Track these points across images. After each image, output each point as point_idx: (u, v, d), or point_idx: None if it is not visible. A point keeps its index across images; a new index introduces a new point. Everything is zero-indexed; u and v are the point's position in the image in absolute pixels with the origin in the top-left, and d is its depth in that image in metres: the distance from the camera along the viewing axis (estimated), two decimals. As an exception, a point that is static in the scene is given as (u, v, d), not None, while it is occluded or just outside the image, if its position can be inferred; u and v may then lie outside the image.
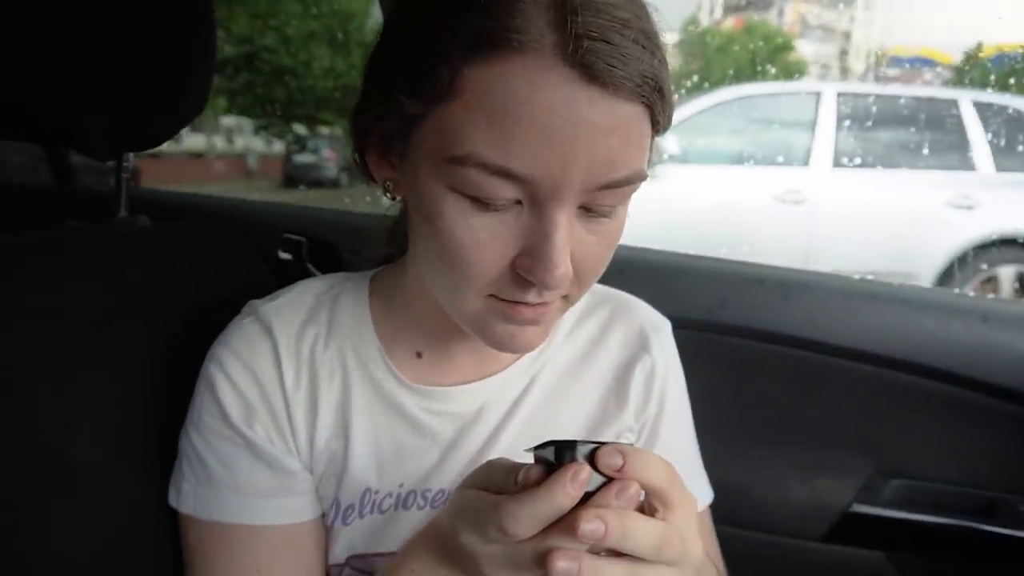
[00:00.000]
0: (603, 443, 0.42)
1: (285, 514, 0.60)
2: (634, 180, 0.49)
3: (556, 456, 0.42)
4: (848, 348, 1.02)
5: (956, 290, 3.91)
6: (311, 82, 14.16)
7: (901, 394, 1.03)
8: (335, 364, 0.62)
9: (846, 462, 1.04)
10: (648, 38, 0.46)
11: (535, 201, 0.47)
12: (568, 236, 0.48)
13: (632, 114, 0.46)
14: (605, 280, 0.74)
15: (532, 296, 0.51)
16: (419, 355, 0.64)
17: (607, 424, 0.68)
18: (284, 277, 0.84)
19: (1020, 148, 4.26)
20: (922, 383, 1.01)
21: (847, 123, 4.47)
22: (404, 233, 0.64)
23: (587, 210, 0.49)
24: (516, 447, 0.63)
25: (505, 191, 0.46)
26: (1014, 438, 1.00)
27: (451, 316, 0.56)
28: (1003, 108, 4.41)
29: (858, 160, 4.44)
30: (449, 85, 0.45)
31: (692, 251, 1.16)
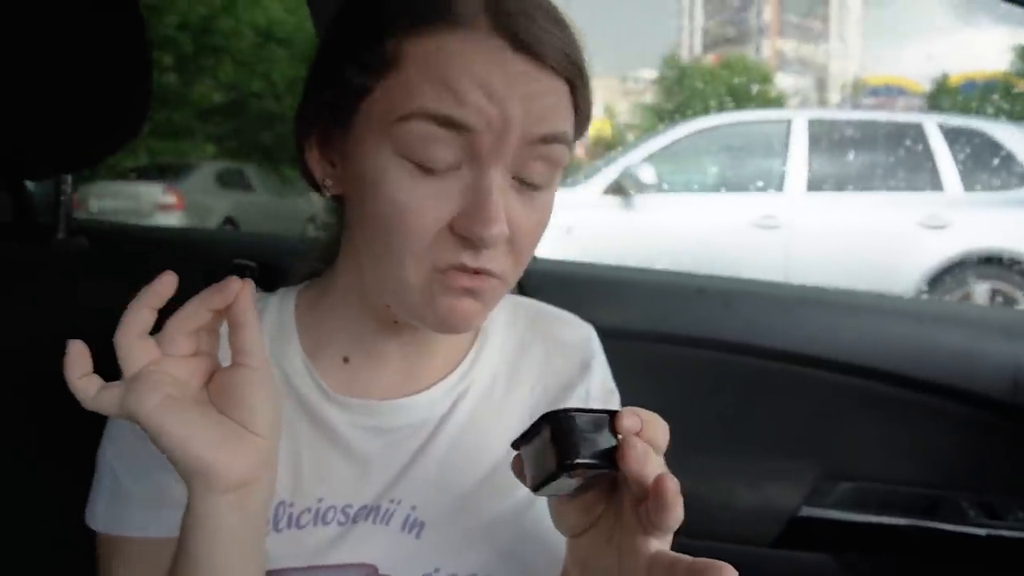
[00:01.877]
0: (602, 410, 0.46)
1: None
2: (563, 140, 0.53)
3: (555, 423, 0.45)
4: (789, 352, 1.04)
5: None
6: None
7: (843, 396, 1.04)
8: None
9: (792, 466, 1.05)
10: (560, 22, 0.53)
11: (475, 160, 0.51)
12: (503, 199, 0.52)
13: (557, 87, 0.52)
14: (549, 295, 0.76)
15: (468, 258, 0.52)
16: (346, 360, 0.64)
17: None
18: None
19: (985, 167, 4.35)
20: (862, 384, 1.03)
21: (819, 148, 4.56)
22: (333, 246, 0.66)
23: (520, 181, 0.53)
24: (443, 463, 0.63)
25: (448, 147, 0.50)
26: (954, 434, 1.02)
27: (391, 302, 0.58)
28: (967, 130, 4.51)
29: (831, 184, 4.51)
30: (394, 56, 0.51)
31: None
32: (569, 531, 0.53)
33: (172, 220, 7.59)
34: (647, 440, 0.46)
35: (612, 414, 0.46)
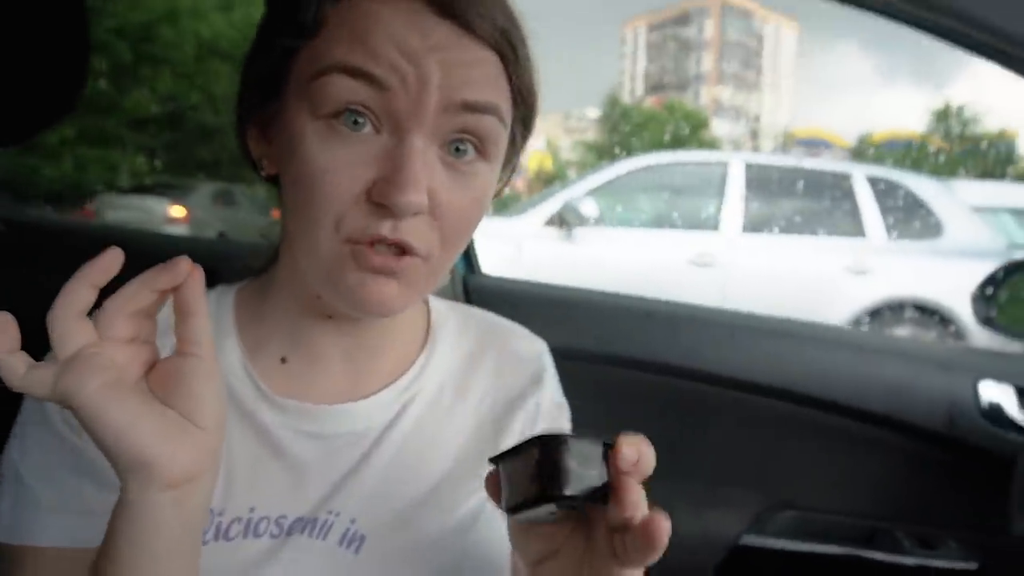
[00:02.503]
0: (596, 438, 0.42)
1: None
2: (491, 111, 0.51)
3: (545, 449, 0.41)
4: (734, 379, 1.04)
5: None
6: (235, 142, 13.99)
7: (786, 424, 1.05)
8: None
9: (735, 494, 1.05)
10: None
11: (394, 124, 0.49)
12: (424, 166, 0.49)
13: (487, 59, 0.51)
14: (498, 311, 0.73)
15: (387, 228, 0.49)
16: (284, 360, 0.60)
17: (481, 458, 0.63)
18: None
19: (904, 218, 4.60)
20: (805, 412, 1.04)
21: (754, 191, 4.72)
22: (275, 247, 0.62)
23: (447, 155, 0.51)
24: (386, 474, 0.59)
25: (364, 105, 0.48)
26: (891, 465, 1.03)
27: (311, 281, 0.54)
28: (889, 181, 4.76)
29: (765, 226, 4.68)
30: (317, 19, 0.50)
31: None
32: (532, 557, 0.49)
33: (179, 232, 8.13)
34: (641, 471, 0.43)
35: (608, 444, 0.42)
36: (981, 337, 4.11)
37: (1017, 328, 1.22)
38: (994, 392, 0.99)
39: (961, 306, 4.23)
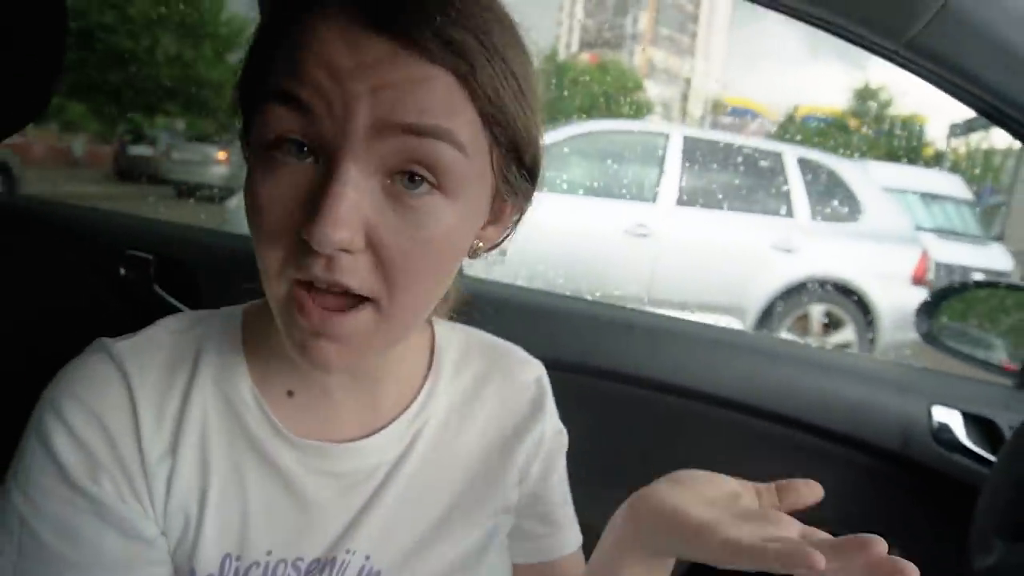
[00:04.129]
0: None
1: None
2: (441, 136, 0.45)
3: None
4: (709, 394, 1.07)
5: (802, 341, 4.29)
6: (153, 69, 13.09)
7: (754, 438, 1.09)
8: (202, 411, 0.55)
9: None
10: (461, 5, 0.45)
11: (324, 151, 0.45)
12: (358, 198, 0.44)
13: (435, 76, 0.44)
14: (480, 318, 0.72)
15: (319, 268, 0.45)
16: (290, 394, 0.57)
17: (489, 485, 0.64)
18: (126, 299, 0.74)
19: (828, 200, 4.82)
20: (772, 428, 1.08)
21: (691, 164, 4.82)
22: None
23: (395, 186, 0.46)
24: (398, 508, 0.59)
25: (292, 131, 0.45)
26: (848, 479, 1.10)
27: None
28: (816, 163, 4.95)
29: (698, 200, 4.79)
30: (274, 38, 0.48)
31: (548, 277, 1.18)
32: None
33: (222, 171, 9.91)
34: None
35: None
36: (890, 318, 4.40)
37: (952, 344, 1.31)
38: (945, 416, 1.06)
39: (875, 287, 4.51)
